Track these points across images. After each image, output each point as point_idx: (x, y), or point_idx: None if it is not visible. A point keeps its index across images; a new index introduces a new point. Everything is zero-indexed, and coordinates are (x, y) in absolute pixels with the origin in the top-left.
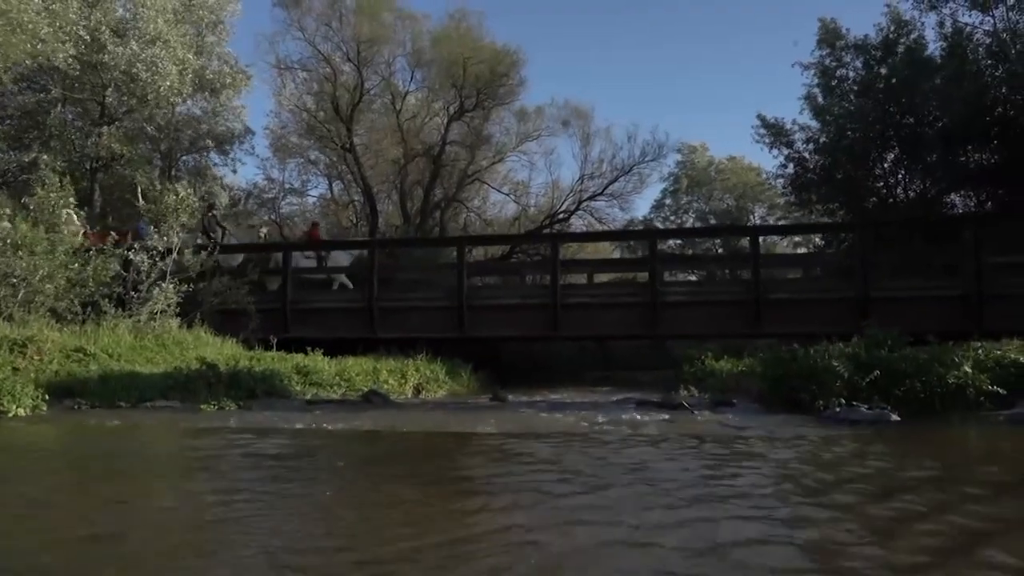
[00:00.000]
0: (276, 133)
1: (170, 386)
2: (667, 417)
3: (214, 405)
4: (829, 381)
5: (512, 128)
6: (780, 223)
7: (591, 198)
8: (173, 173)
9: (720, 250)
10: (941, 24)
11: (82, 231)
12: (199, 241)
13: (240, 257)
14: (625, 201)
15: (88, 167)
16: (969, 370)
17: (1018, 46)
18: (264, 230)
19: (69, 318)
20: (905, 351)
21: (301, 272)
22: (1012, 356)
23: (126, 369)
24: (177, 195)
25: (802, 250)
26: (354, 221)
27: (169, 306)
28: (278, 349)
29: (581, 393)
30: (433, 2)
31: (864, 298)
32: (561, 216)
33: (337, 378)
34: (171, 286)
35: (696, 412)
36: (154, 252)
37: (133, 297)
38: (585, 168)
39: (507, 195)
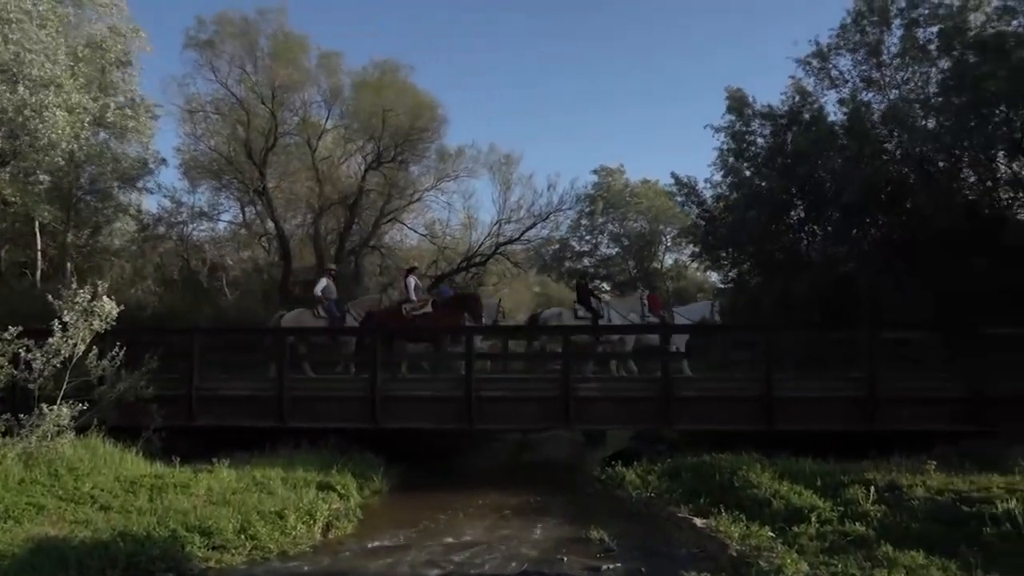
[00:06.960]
0: (187, 154)
1: None
2: None
3: None
4: None
5: (431, 167)
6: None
7: (508, 242)
8: (73, 212)
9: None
10: (842, 101)
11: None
12: (579, 314)
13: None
14: (540, 245)
15: None
16: None
17: (910, 122)
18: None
19: None
20: None
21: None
22: None
23: (12, 547)
24: (90, 299)
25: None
26: (267, 251)
27: (61, 427)
28: (183, 439)
29: (493, 520)
30: (356, 43)
31: (768, 398)
32: (478, 260)
33: (241, 536)
34: (65, 409)
35: None
36: (51, 352)
37: (22, 420)
38: (503, 212)
39: (424, 235)
